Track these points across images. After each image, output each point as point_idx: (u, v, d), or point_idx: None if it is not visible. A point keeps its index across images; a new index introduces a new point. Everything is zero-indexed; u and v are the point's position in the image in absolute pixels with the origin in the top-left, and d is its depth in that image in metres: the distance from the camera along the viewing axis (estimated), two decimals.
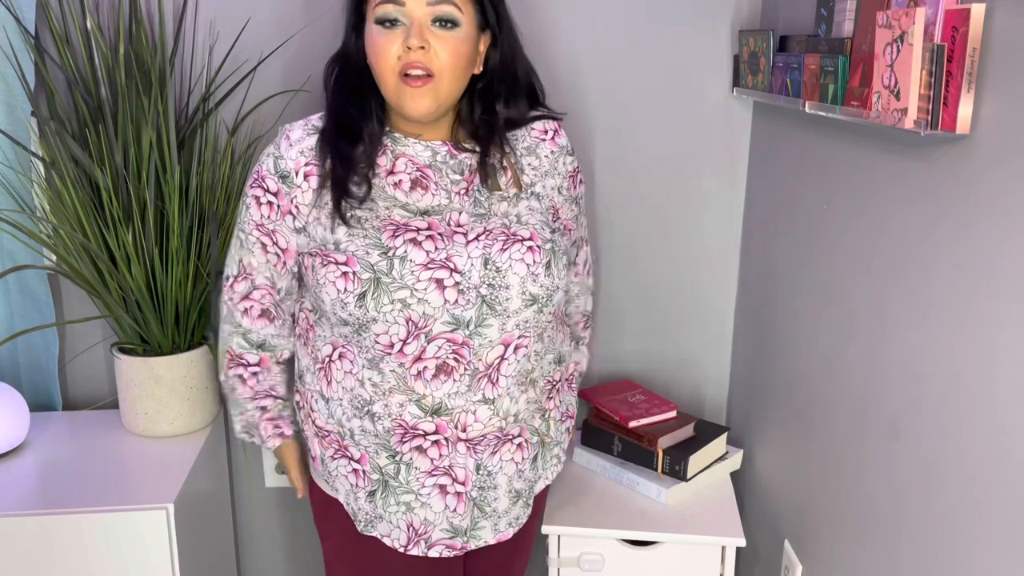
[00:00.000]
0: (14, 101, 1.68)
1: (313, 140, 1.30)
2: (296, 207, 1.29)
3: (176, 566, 1.52)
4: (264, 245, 1.33)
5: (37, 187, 1.72)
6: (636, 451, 1.74)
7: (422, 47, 1.20)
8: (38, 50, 1.66)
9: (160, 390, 1.69)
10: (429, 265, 1.23)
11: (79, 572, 1.50)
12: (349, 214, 1.27)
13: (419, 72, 1.22)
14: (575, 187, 1.45)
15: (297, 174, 1.29)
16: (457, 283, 1.24)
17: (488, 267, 1.25)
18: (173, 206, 1.63)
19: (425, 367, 1.26)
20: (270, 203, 1.30)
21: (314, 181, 1.29)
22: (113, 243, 1.62)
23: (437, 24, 1.22)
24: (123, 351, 1.72)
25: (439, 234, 1.26)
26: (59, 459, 1.65)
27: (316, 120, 1.33)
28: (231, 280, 1.38)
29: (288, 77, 1.79)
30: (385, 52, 1.22)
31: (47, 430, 1.76)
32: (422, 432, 1.30)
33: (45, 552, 1.48)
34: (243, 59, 1.76)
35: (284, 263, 1.34)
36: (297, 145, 1.30)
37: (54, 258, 1.76)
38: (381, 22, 1.22)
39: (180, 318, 1.70)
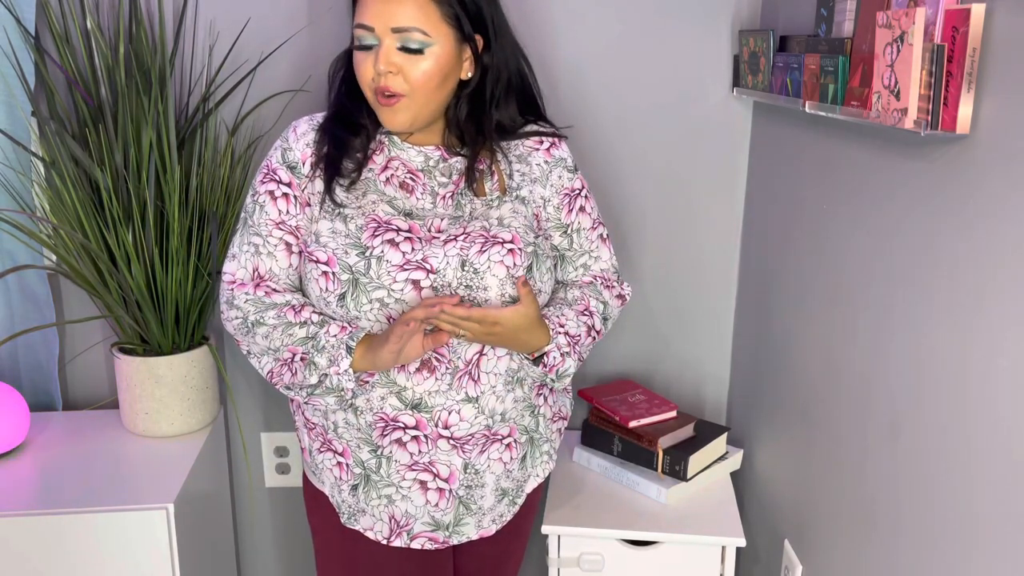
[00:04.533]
0: (14, 101, 1.68)
1: (316, 134, 1.34)
2: (308, 198, 1.31)
3: (176, 566, 1.52)
4: (289, 245, 1.32)
5: (37, 187, 1.72)
6: (636, 451, 1.74)
7: (390, 71, 1.24)
8: (38, 50, 1.66)
9: (160, 390, 1.69)
10: (405, 266, 1.25)
11: (79, 572, 1.50)
12: (339, 198, 1.30)
13: (389, 93, 1.25)
14: (569, 211, 1.42)
15: (304, 164, 1.32)
16: (432, 283, 1.26)
17: (465, 269, 1.26)
18: (173, 206, 1.63)
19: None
20: (286, 195, 1.31)
21: (314, 169, 1.32)
22: (113, 243, 1.62)
23: (404, 49, 1.24)
24: (123, 351, 1.72)
25: (418, 238, 1.27)
26: (59, 459, 1.65)
27: (320, 117, 1.36)
28: (237, 283, 1.34)
29: (288, 77, 1.79)
30: (362, 71, 1.27)
31: (47, 430, 1.76)
32: (402, 425, 1.31)
33: (45, 552, 1.48)
34: (243, 59, 1.76)
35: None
36: (303, 138, 1.33)
37: (54, 258, 1.76)
38: (358, 42, 1.26)
39: (180, 318, 1.70)
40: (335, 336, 1.26)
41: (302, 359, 1.28)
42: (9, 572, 1.48)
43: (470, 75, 1.32)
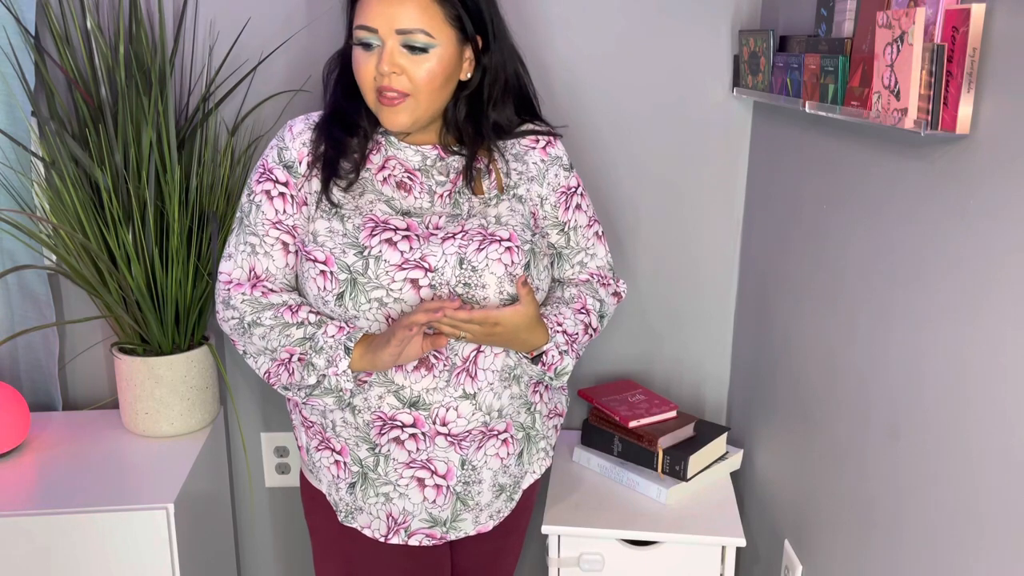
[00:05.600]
0: (14, 101, 1.68)
1: (313, 133, 1.34)
2: (304, 197, 1.31)
3: (176, 566, 1.52)
4: (286, 244, 1.32)
5: (37, 187, 1.72)
6: (636, 451, 1.74)
7: (394, 72, 1.24)
8: (38, 50, 1.66)
9: (160, 390, 1.69)
10: (404, 266, 1.26)
11: (79, 572, 1.50)
12: (336, 199, 1.30)
13: (393, 93, 1.25)
14: (566, 209, 1.42)
15: (300, 164, 1.32)
16: (431, 281, 1.26)
17: (464, 267, 1.27)
18: (173, 206, 1.63)
19: None
20: (282, 194, 1.31)
21: (310, 169, 1.32)
22: (113, 243, 1.62)
23: (408, 49, 1.24)
24: (123, 351, 1.72)
25: (416, 235, 1.27)
26: (59, 459, 1.65)
27: (316, 116, 1.36)
28: (234, 283, 1.34)
29: (288, 77, 1.79)
30: (363, 71, 1.27)
31: (47, 430, 1.76)
32: (400, 423, 1.31)
33: (45, 552, 1.48)
34: (243, 59, 1.76)
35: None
36: (299, 137, 1.33)
37: (54, 258, 1.76)
38: (358, 43, 1.26)
39: (180, 318, 1.70)
40: (333, 337, 1.26)
41: (300, 360, 1.28)
42: (9, 572, 1.48)
43: (469, 76, 1.32)
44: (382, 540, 1.37)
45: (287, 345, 1.29)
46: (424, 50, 1.24)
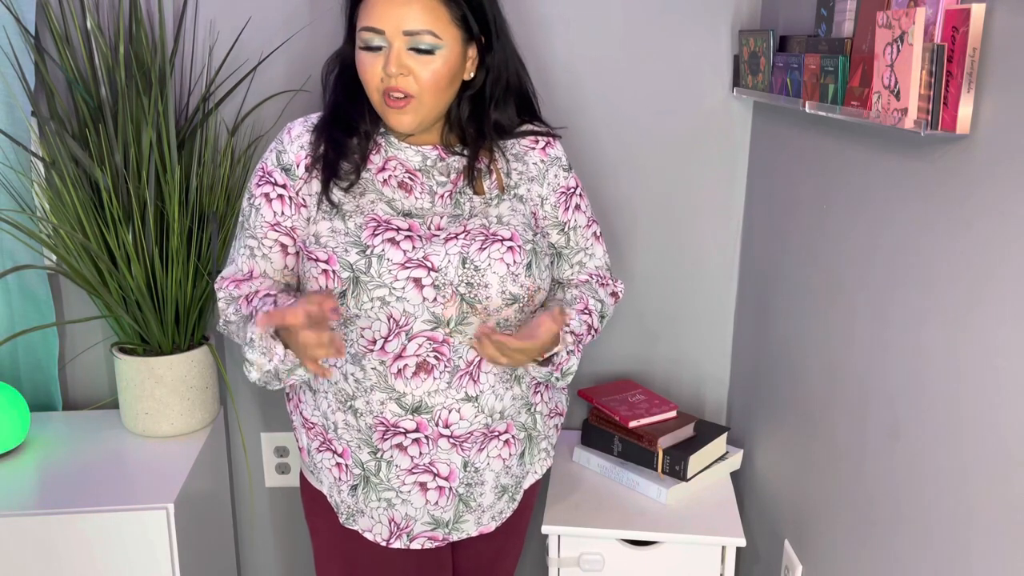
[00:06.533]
0: (14, 101, 1.68)
1: (312, 135, 1.34)
2: (303, 199, 1.30)
3: (176, 566, 1.52)
4: (285, 246, 1.33)
5: (37, 187, 1.72)
6: (636, 451, 1.74)
7: (401, 73, 1.24)
8: (38, 50, 1.66)
9: (160, 390, 1.69)
10: (406, 264, 1.26)
11: (79, 572, 1.50)
12: (336, 199, 1.29)
13: (399, 95, 1.25)
14: (566, 209, 1.42)
15: (298, 166, 1.32)
16: (434, 281, 1.26)
17: (467, 266, 1.27)
18: (173, 206, 1.63)
19: (405, 365, 1.28)
20: (281, 196, 1.31)
21: (309, 171, 1.31)
22: (113, 243, 1.62)
23: (414, 50, 1.24)
24: (123, 351, 1.72)
25: (418, 236, 1.27)
26: (59, 459, 1.65)
27: (315, 118, 1.36)
28: (231, 278, 1.35)
29: (288, 77, 1.79)
30: (369, 72, 1.26)
31: (47, 430, 1.76)
32: (403, 430, 1.31)
33: (45, 552, 1.48)
34: (243, 59, 1.76)
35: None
36: (298, 140, 1.33)
37: (54, 258, 1.76)
38: (364, 45, 1.26)
39: (180, 318, 1.70)
40: (255, 331, 1.23)
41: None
42: (9, 572, 1.48)
43: (473, 75, 1.33)
44: (383, 544, 1.37)
45: (244, 346, 1.27)
46: (430, 51, 1.24)
